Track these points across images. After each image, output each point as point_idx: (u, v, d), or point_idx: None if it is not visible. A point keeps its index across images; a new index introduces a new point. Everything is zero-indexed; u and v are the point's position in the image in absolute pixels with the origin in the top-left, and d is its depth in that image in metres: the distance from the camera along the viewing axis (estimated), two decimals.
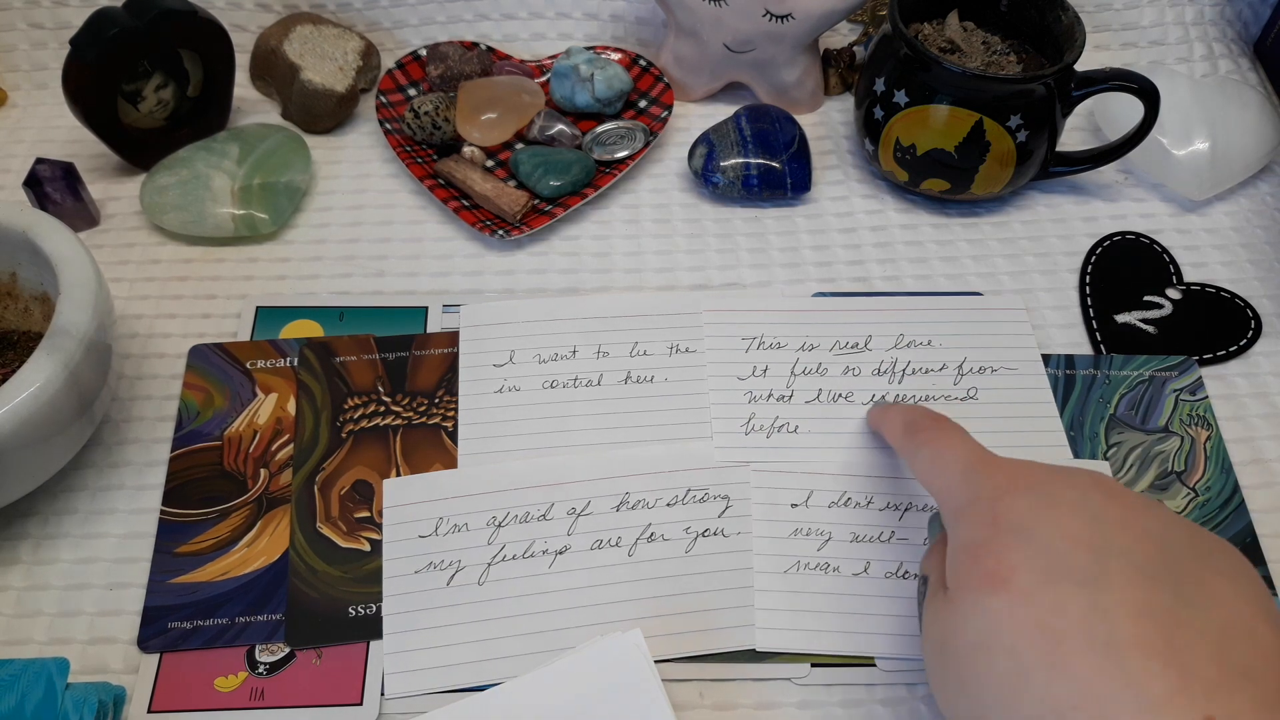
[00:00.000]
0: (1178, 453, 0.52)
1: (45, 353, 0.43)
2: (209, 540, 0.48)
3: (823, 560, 0.47)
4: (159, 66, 0.62)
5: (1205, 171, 0.61)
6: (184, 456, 0.51)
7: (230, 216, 0.60)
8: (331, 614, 0.46)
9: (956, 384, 0.53)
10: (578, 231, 0.62)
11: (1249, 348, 0.56)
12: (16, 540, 0.48)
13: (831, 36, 0.72)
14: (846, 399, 0.53)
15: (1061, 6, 0.59)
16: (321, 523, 0.49)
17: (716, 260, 0.60)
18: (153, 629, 0.45)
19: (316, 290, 0.58)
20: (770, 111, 0.64)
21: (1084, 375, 0.54)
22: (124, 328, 0.56)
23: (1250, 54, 0.72)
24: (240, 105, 0.68)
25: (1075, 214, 0.63)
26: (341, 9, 0.70)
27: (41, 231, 0.48)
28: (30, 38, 0.69)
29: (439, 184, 0.62)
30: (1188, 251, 0.61)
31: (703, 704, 0.44)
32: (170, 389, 0.54)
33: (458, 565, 0.47)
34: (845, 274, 0.59)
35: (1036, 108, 0.57)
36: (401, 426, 0.52)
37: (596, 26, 0.71)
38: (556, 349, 0.55)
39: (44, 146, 0.66)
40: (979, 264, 0.60)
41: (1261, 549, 0.48)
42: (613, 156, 0.64)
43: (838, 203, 0.64)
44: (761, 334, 0.55)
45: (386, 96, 0.66)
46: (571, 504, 0.49)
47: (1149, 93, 0.57)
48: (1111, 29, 0.72)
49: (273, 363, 0.54)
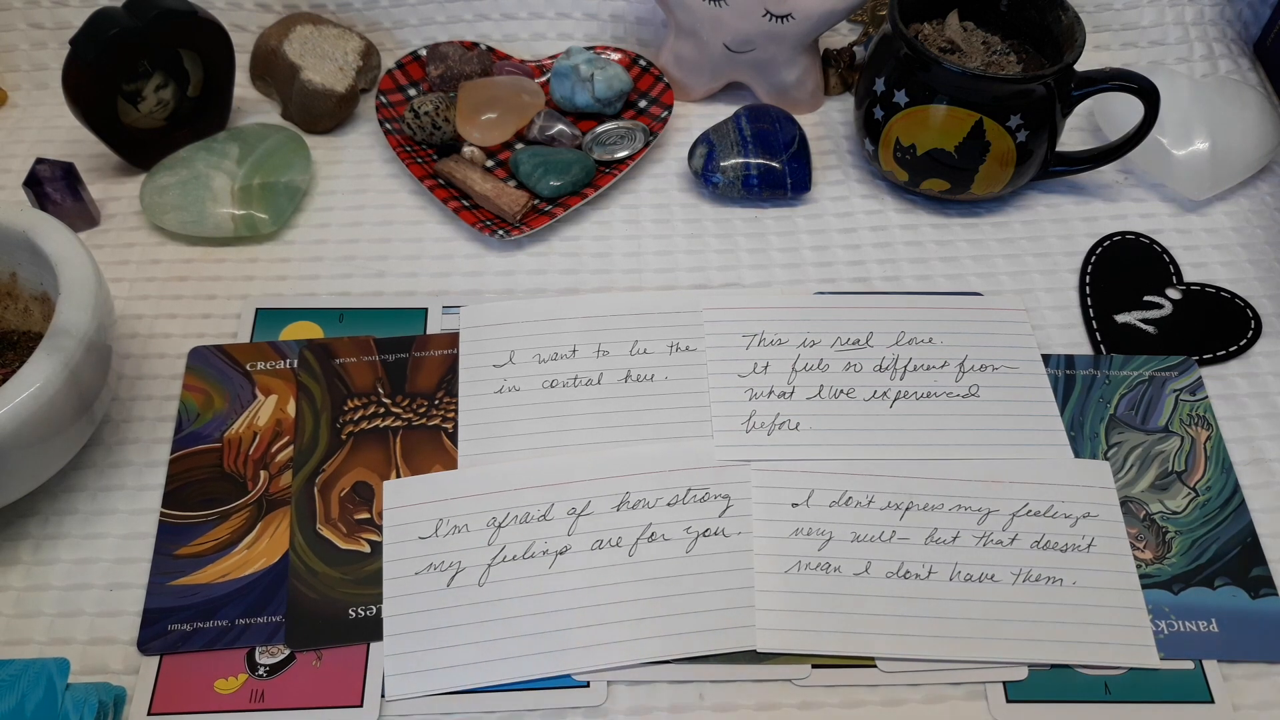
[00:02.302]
0: (1178, 453, 0.52)
1: (45, 353, 0.43)
2: (209, 542, 0.48)
3: (823, 560, 0.47)
4: (159, 66, 0.62)
5: (1205, 171, 0.61)
6: (184, 458, 0.51)
7: (230, 216, 0.60)
8: (332, 616, 0.46)
9: (958, 381, 0.53)
10: (578, 231, 0.62)
11: (1249, 348, 0.56)
12: (17, 540, 0.48)
13: (831, 36, 0.72)
14: (848, 395, 0.53)
15: (1061, 6, 0.59)
16: (321, 524, 0.49)
17: (716, 260, 0.60)
18: (153, 631, 0.45)
19: (316, 291, 0.58)
20: (770, 111, 0.64)
21: (1084, 375, 0.54)
22: (124, 328, 0.56)
23: (1250, 54, 0.72)
24: (240, 105, 0.68)
25: (1075, 214, 0.63)
26: (341, 9, 0.70)
27: (41, 231, 0.48)
28: (30, 38, 0.69)
29: (439, 184, 0.62)
30: (1188, 251, 0.61)
31: (703, 705, 0.44)
32: (170, 389, 0.54)
33: (458, 566, 0.47)
34: (845, 274, 0.59)
35: (1036, 108, 0.57)
36: (401, 428, 0.52)
37: (596, 26, 0.71)
38: (556, 349, 0.55)
39: (44, 146, 0.66)
40: (979, 264, 0.60)
41: (1262, 549, 0.48)
42: (613, 156, 0.64)
43: (838, 203, 0.64)
44: (762, 330, 0.55)
45: (386, 96, 0.66)
46: (571, 504, 0.49)
47: (1149, 93, 0.57)
48: (1111, 29, 0.72)
49: (272, 364, 0.54)
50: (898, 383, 0.53)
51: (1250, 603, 0.47)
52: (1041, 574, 0.47)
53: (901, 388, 0.53)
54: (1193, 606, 0.46)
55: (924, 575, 0.47)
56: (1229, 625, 0.46)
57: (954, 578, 0.47)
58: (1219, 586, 0.47)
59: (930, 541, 0.48)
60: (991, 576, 0.47)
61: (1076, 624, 0.46)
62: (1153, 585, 0.47)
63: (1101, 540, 0.48)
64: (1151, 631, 0.46)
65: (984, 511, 0.49)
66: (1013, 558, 0.48)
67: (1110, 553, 0.48)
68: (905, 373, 0.54)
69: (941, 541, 0.48)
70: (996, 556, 0.48)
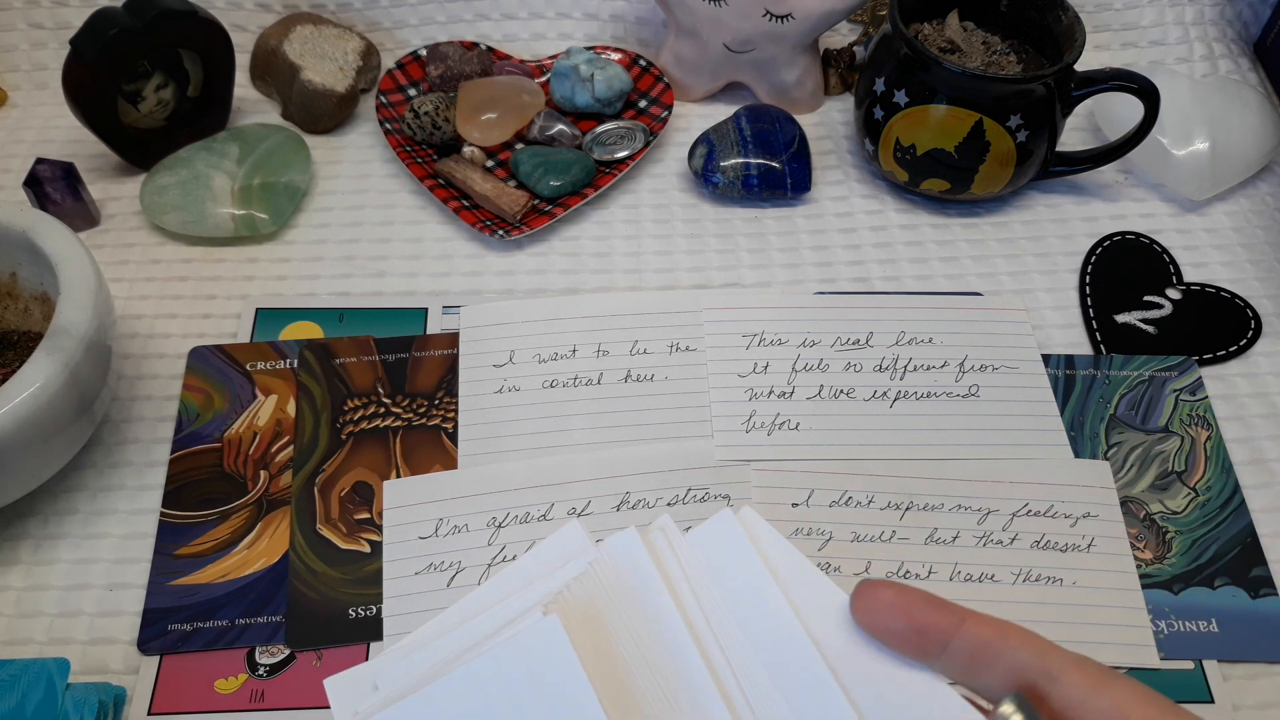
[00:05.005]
0: (1178, 453, 0.52)
1: (45, 353, 0.43)
2: (209, 542, 0.48)
3: (824, 560, 0.47)
4: (159, 66, 0.62)
5: (1205, 171, 0.61)
6: (184, 458, 0.51)
7: (230, 216, 0.60)
8: (332, 615, 0.46)
9: (958, 381, 0.53)
10: (578, 231, 0.62)
11: (1249, 348, 0.56)
12: (17, 540, 0.48)
13: (831, 36, 0.72)
14: (848, 395, 0.53)
15: (1061, 6, 0.59)
16: (321, 524, 0.49)
17: (716, 260, 0.60)
18: (153, 631, 0.45)
19: (316, 291, 0.58)
20: (770, 111, 0.64)
21: (1084, 375, 0.54)
22: (124, 328, 0.56)
23: (1250, 54, 0.72)
24: (240, 105, 0.68)
25: (1075, 214, 0.63)
26: (341, 9, 0.70)
27: (41, 231, 0.48)
28: (30, 38, 0.69)
29: (439, 184, 0.62)
30: (1188, 251, 0.61)
31: None
32: (170, 389, 0.54)
33: (458, 566, 0.47)
34: (845, 274, 0.59)
35: (1036, 108, 0.57)
36: (401, 428, 0.52)
37: (596, 26, 0.71)
38: (556, 348, 0.55)
39: (44, 146, 0.66)
40: (979, 264, 0.60)
41: (1262, 549, 0.48)
42: (613, 156, 0.64)
43: (838, 203, 0.64)
44: (762, 330, 0.55)
45: (386, 96, 0.66)
46: (571, 504, 0.49)
47: (1149, 93, 0.57)
48: (1111, 29, 0.72)
49: (272, 364, 0.54)
50: (898, 383, 0.53)
51: (1250, 603, 0.47)
52: (1041, 574, 0.47)
53: (901, 388, 0.53)
54: (1193, 606, 0.46)
55: (924, 575, 0.47)
56: (1229, 625, 0.46)
57: (954, 578, 0.47)
58: (1219, 586, 0.47)
59: (930, 541, 0.48)
60: (992, 576, 0.47)
61: (1077, 624, 0.46)
62: (1153, 585, 0.47)
63: (1101, 540, 0.48)
64: (1152, 631, 0.46)
65: (984, 511, 0.49)
66: (1013, 558, 0.48)
67: (1110, 553, 0.48)
68: (905, 373, 0.54)
69: (941, 541, 0.48)
70: (996, 556, 0.48)
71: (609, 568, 0.28)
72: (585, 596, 0.28)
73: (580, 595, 0.28)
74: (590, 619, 0.28)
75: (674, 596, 0.28)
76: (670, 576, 0.28)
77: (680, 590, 0.28)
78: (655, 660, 0.27)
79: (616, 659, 0.27)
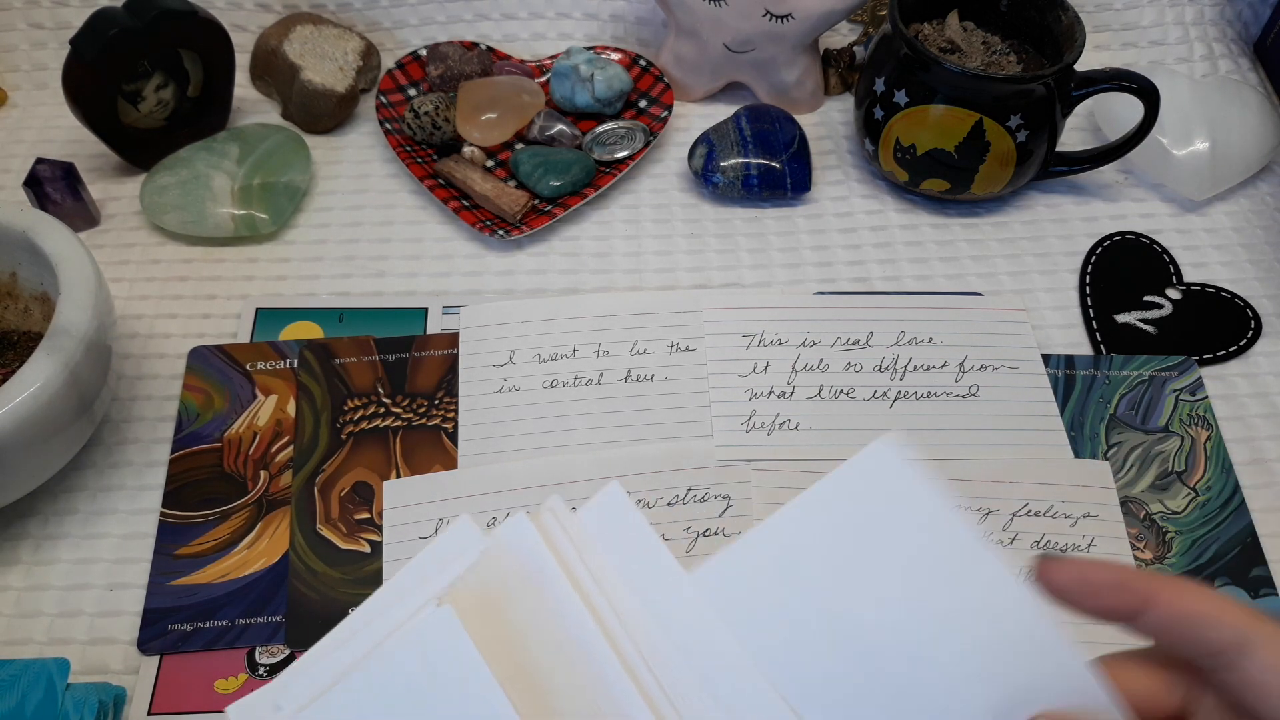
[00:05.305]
0: (1178, 453, 0.52)
1: (45, 353, 0.43)
2: (209, 542, 0.48)
3: None
4: (159, 66, 0.62)
5: (1205, 171, 0.61)
6: (184, 458, 0.51)
7: (230, 216, 0.60)
8: (332, 615, 0.46)
9: (958, 381, 0.53)
10: (578, 231, 0.62)
11: (1249, 348, 0.56)
12: (17, 540, 0.48)
13: (831, 36, 0.72)
14: (848, 395, 0.53)
15: (1061, 6, 0.59)
16: (321, 524, 0.49)
17: (716, 260, 0.60)
18: (153, 631, 0.45)
19: (316, 291, 0.58)
20: (770, 111, 0.64)
21: (1084, 375, 0.54)
22: (124, 328, 0.56)
23: (1250, 54, 0.72)
24: (240, 105, 0.68)
25: (1075, 214, 0.63)
26: (341, 9, 0.70)
27: (41, 231, 0.48)
28: (30, 38, 0.69)
29: (439, 184, 0.62)
30: (1188, 251, 0.61)
31: None
32: (170, 389, 0.54)
33: None
34: (845, 274, 0.59)
35: (1036, 108, 0.57)
36: (401, 428, 0.52)
37: (596, 26, 0.71)
38: (556, 348, 0.55)
39: (44, 146, 0.66)
40: (979, 264, 0.60)
41: (1262, 549, 0.48)
42: (613, 156, 0.64)
43: (838, 203, 0.64)
44: (762, 330, 0.55)
45: (386, 96, 0.66)
46: (572, 504, 0.49)
47: (1149, 93, 0.57)
48: (1111, 29, 0.72)
49: (272, 364, 0.54)
50: (898, 383, 0.53)
51: (1250, 603, 0.47)
52: None
53: (901, 388, 0.53)
54: None
55: None
56: None
57: None
58: (1219, 586, 0.47)
59: None
60: None
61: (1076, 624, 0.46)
62: None
63: (1101, 540, 0.48)
64: None
65: (984, 511, 0.49)
66: (1013, 558, 0.48)
67: (1110, 553, 0.48)
68: (905, 373, 0.54)
69: None
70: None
71: (502, 555, 0.28)
72: (479, 585, 0.28)
73: (474, 584, 0.28)
74: (486, 606, 0.27)
75: (570, 576, 0.28)
76: (565, 557, 0.28)
77: (576, 570, 0.28)
78: (558, 642, 0.27)
79: (518, 645, 0.27)
